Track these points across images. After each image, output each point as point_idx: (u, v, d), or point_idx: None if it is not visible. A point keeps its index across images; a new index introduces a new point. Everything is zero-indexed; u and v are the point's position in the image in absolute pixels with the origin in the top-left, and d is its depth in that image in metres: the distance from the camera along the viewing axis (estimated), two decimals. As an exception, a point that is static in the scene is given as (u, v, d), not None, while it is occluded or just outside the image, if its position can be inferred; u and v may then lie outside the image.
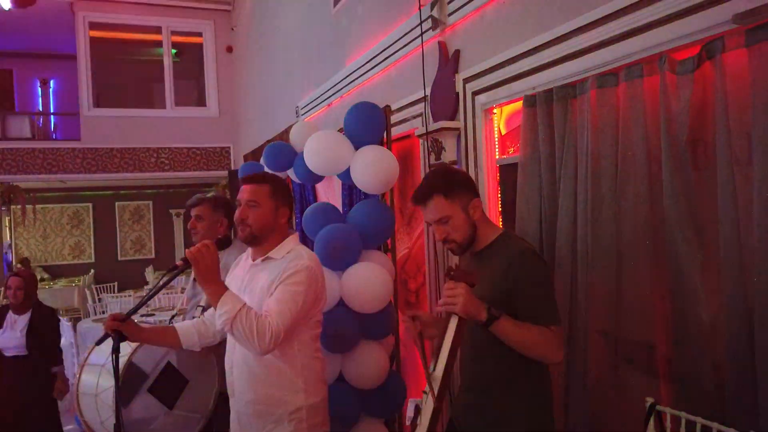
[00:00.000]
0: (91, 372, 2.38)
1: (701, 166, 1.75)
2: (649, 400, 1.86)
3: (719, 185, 1.64)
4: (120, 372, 1.90)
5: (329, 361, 2.35)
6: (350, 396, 2.49)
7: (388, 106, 2.72)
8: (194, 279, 2.74)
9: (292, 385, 1.96)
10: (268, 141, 7.13)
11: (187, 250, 1.84)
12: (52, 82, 12.55)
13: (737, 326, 1.62)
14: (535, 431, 1.76)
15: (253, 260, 2.05)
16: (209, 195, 2.76)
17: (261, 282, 1.97)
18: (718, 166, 1.65)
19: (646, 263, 1.89)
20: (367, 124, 2.57)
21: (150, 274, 10.55)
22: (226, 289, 1.83)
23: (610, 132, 1.99)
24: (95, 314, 7.28)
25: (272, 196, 2.03)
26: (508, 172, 2.69)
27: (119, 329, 1.92)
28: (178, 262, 1.88)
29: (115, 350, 1.88)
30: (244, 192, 2.03)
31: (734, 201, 1.61)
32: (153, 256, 12.32)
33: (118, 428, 1.86)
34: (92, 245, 12.02)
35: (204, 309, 2.43)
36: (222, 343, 2.21)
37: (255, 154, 7.87)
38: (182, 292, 7.14)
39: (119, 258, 12.12)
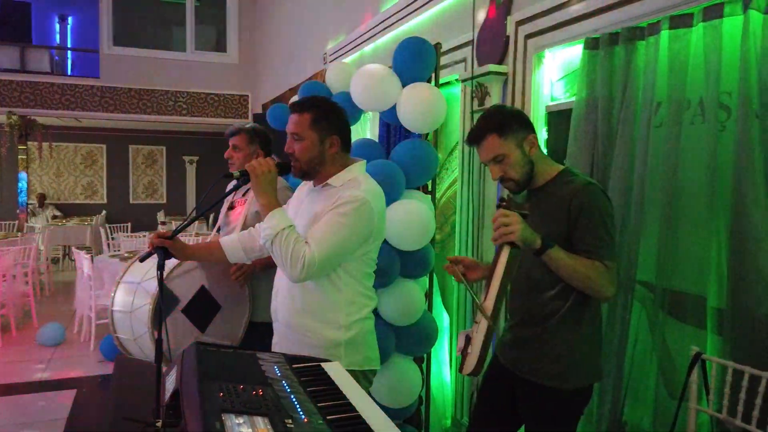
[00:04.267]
0: (127, 290, 2.37)
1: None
2: (694, 349, 1.84)
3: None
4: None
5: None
6: (385, 331, 2.48)
7: (438, 44, 2.63)
8: (229, 209, 2.71)
9: (332, 320, 1.85)
10: (292, 89, 7.01)
11: (247, 164, 1.80)
12: (70, 19, 12.36)
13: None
14: (579, 369, 1.74)
15: (314, 185, 1.95)
16: (248, 126, 2.70)
17: (314, 207, 1.87)
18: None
19: (705, 213, 1.85)
20: (418, 61, 2.48)
21: (162, 218, 10.56)
22: (278, 205, 1.79)
23: (679, 77, 1.92)
24: (109, 251, 7.30)
25: (314, 125, 1.83)
26: (556, 122, 2.62)
27: (165, 246, 1.91)
28: (236, 175, 1.84)
29: (160, 267, 1.86)
30: (289, 122, 1.88)
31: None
32: (164, 201, 12.34)
33: (159, 342, 1.84)
34: (104, 186, 12.04)
35: None
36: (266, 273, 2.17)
37: (275, 103, 7.75)
38: (196, 236, 7.15)
39: (131, 201, 12.16)
